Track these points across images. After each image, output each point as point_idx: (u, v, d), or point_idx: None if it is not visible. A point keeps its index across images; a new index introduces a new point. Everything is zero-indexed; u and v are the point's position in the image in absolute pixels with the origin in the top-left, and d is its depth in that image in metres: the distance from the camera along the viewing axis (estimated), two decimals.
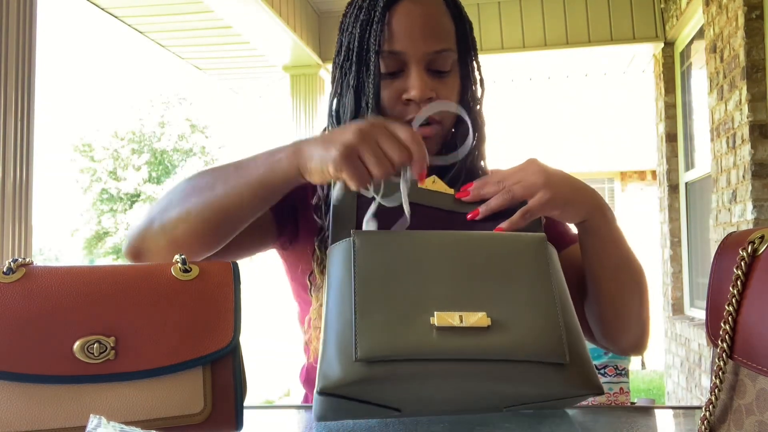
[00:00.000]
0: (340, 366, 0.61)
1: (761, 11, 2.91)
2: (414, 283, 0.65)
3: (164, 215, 0.83)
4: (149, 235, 0.84)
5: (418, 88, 0.90)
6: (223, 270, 0.68)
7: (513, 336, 0.62)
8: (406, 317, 0.63)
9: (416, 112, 0.91)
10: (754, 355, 0.53)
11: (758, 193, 2.85)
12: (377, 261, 0.67)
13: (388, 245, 0.68)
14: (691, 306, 4.34)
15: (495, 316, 0.63)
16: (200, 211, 0.81)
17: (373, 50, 0.90)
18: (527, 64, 5.32)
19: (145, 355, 0.61)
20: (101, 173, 18.27)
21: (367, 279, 0.65)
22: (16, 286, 0.61)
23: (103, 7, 4.11)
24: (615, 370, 2.06)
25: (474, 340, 0.61)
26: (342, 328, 0.63)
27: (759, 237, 0.56)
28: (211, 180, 0.83)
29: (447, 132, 0.97)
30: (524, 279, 0.67)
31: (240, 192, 0.80)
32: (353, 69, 0.93)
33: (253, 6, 3.73)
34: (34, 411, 0.58)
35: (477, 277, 0.67)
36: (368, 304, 0.63)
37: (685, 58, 4.39)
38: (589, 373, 0.65)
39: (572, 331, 0.66)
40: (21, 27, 2.00)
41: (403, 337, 0.61)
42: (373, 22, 0.91)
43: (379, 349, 0.61)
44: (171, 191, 0.86)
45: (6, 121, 1.94)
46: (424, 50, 0.91)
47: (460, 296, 0.65)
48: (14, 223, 1.96)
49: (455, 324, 0.62)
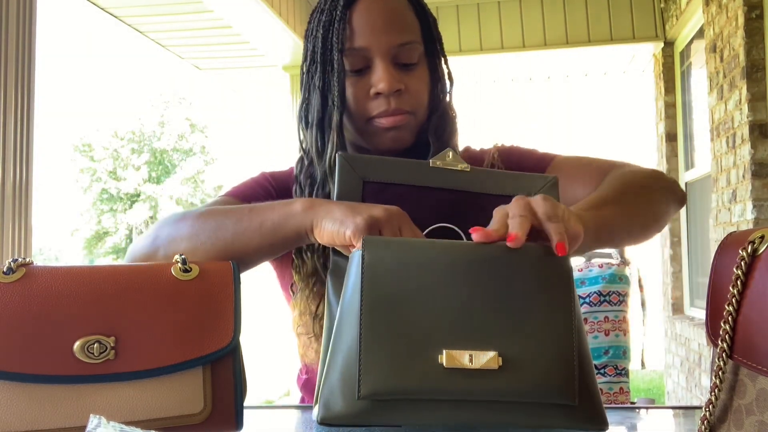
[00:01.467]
0: (343, 401, 0.60)
1: (761, 11, 2.91)
2: (423, 313, 0.61)
3: (171, 245, 0.82)
4: (153, 259, 0.83)
5: (385, 81, 0.89)
6: (223, 270, 0.68)
7: (524, 377, 0.60)
8: (413, 353, 0.60)
9: (385, 105, 0.90)
10: (754, 355, 0.53)
11: (758, 193, 2.85)
12: (387, 284, 0.62)
13: (400, 265, 0.63)
14: (691, 306, 4.34)
15: (507, 353, 0.60)
16: (208, 248, 0.80)
17: (336, 49, 0.90)
18: (527, 64, 5.32)
19: (145, 355, 0.61)
20: (101, 173, 18.27)
21: (374, 307, 0.61)
22: (16, 286, 0.61)
23: (103, 7, 4.11)
24: (615, 370, 2.06)
25: (483, 381, 0.59)
26: (347, 357, 0.61)
27: (759, 237, 0.56)
28: (222, 218, 0.82)
29: (420, 123, 0.96)
30: (544, 309, 0.63)
31: (249, 236, 0.79)
32: (318, 70, 0.92)
33: (253, 6, 3.73)
34: (34, 411, 0.58)
35: (491, 306, 0.62)
36: (374, 336, 0.60)
37: (685, 57, 4.39)
38: (597, 410, 0.64)
39: (585, 366, 0.63)
40: (21, 27, 2.00)
41: (409, 376, 0.59)
42: (334, 22, 0.91)
43: (384, 388, 0.59)
44: (179, 220, 0.85)
45: (6, 121, 1.94)
46: (389, 44, 0.90)
47: (471, 330, 0.61)
48: (14, 223, 1.96)
49: (465, 365, 0.59)
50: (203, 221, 0.82)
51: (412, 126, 0.94)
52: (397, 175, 0.80)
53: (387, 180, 0.80)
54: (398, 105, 0.91)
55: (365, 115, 0.93)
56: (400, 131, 0.93)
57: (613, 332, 2.10)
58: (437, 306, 0.61)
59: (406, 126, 0.93)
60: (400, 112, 0.91)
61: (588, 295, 2.19)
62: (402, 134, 0.93)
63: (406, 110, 0.92)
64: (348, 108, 0.93)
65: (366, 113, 0.92)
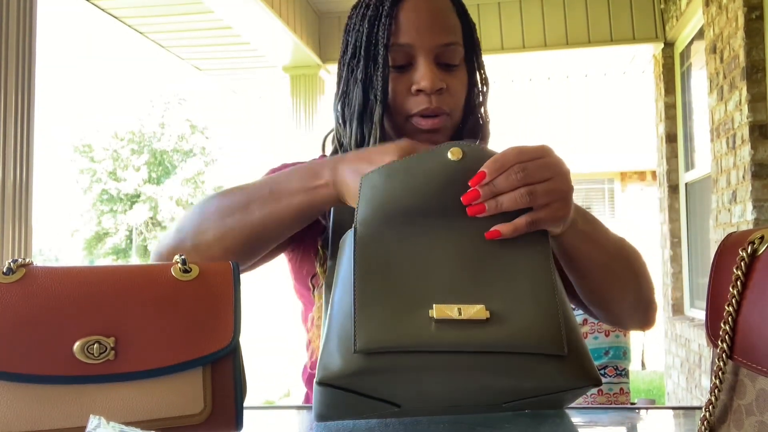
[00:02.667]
0: (340, 357, 0.61)
1: (761, 11, 2.91)
2: (414, 275, 0.65)
3: (198, 236, 0.84)
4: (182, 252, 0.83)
5: (428, 79, 0.90)
6: (223, 270, 0.68)
7: (511, 328, 0.62)
8: (405, 309, 0.63)
9: (426, 103, 0.91)
10: (754, 355, 0.53)
11: (758, 194, 2.85)
12: (378, 253, 0.66)
13: (390, 237, 0.68)
14: (691, 306, 4.34)
15: (494, 308, 0.63)
16: (237, 234, 0.82)
17: (382, 44, 0.91)
18: (527, 65, 5.32)
19: (145, 356, 0.61)
20: (101, 174, 18.28)
21: (367, 272, 0.65)
22: (16, 287, 0.61)
23: (103, 7, 4.11)
24: (615, 370, 2.06)
25: (472, 332, 0.62)
26: (342, 320, 0.63)
27: (759, 237, 0.56)
28: (245, 200, 0.83)
29: (455, 124, 0.97)
30: (526, 270, 0.67)
31: (279, 218, 0.81)
32: (361, 64, 0.93)
33: (253, 6, 3.73)
34: (34, 411, 0.58)
35: (477, 268, 0.66)
36: (368, 296, 0.63)
37: (685, 58, 4.39)
38: (588, 364, 0.65)
39: (570, 323, 0.66)
40: (21, 27, 2.00)
41: (401, 329, 0.61)
42: (381, 17, 0.92)
43: (378, 341, 0.61)
44: (201, 208, 0.87)
45: (6, 121, 1.94)
46: (433, 43, 0.92)
47: (460, 288, 0.65)
48: (14, 223, 1.96)
49: (453, 316, 0.62)
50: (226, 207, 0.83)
51: (447, 128, 0.95)
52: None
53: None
54: (438, 104, 0.92)
55: (405, 112, 0.93)
56: (437, 134, 0.94)
57: (613, 333, 2.10)
58: (426, 267, 0.66)
59: (443, 129, 0.94)
60: (440, 112, 0.92)
61: None
62: (438, 137, 0.94)
63: (445, 110, 0.93)
64: (388, 103, 0.93)
65: (406, 110, 0.93)
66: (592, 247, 0.83)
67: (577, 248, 0.82)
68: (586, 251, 0.83)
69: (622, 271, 0.88)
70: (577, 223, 0.80)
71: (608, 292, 0.88)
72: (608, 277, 0.87)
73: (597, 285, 0.87)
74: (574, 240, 0.80)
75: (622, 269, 0.88)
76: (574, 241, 0.80)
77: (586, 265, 0.84)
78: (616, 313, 0.92)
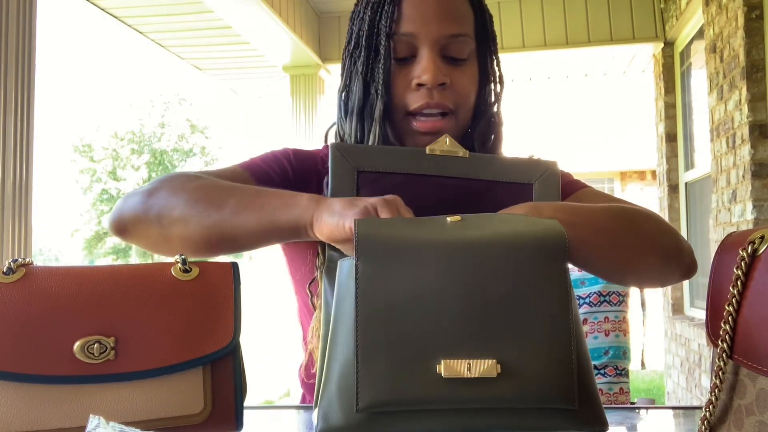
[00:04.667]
0: (341, 411, 0.59)
1: (761, 11, 2.91)
2: (420, 321, 0.60)
3: (164, 209, 0.78)
4: (143, 219, 0.79)
5: (430, 72, 0.84)
6: (223, 270, 0.68)
7: (522, 383, 0.59)
8: (410, 363, 0.58)
9: (427, 98, 0.85)
10: (754, 355, 0.53)
11: (758, 193, 2.85)
12: (381, 293, 0.60)
13: (394, 271, 0.61)
14: (691, 306, 4.34)
15: (505, 359, 0.59)
16: (200, 223, 0.76)
17: (384, 33, 0.85)
18: (527, 64, 5.32)
19: (145, 356, 0.61)
20: (101, 173, 18.28)
21: (370, 316, 0.60)
22: (16, 287, 0.61)
23: (103, 7, 4.11)
24: (615, 370, 2.06)
25: (482, 389, 0.59)
26: (343, 369, 0.60)
27: (759, 237, 0.56)
28: (224, 197, 0.77)
29: (462, 125, 0.91)
30: (542, 310, 0.61)
31: (247, 217, 0.75)
32: (362, 54, 0.88)
33: (253, 6, 3.73)
34: (34, 411, 0.58)
35: (489, 309, 0.60)
36: (371, 346, 0.59)
37: (685, 58, 4.39)
38: (597, 410, 0.63)
39: (583, 369, 0.63)
40: (21, 27, 2.00)
41: (407, 387, 0.58)
42: (384, 4, 0.86)
43: (382, 400, 0.58)
44: (179, 181, 0.81)
45: (6, 121, 1.94)
46: (438, 33, 0.85)
47: (469, 337, 0.59)
48: (14, 223, 1.96)
49: (464, 374, 0.58)
50: (203, 194, 0.78)
51: (451, 129, 0.88)
52: (393, 163, 0.77)
53: (382, 169, 0.77)
54: (441, 99, 0.86)
55: (404, 108, 0.88)
56: (436, 137, 0.86)
57: (613, 332, 2.09)
58: (433, 313, 0.60)
59: (445, 131, 0.86)
60: (442, 108, 0.86)
61: (588, 296, 2.19)
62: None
63: (449, 107, 0.87)
64: (390, 98, 0.87)
65: (405, 105, 0.87)
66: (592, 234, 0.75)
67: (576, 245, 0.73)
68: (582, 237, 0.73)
69: (633, 237, 0.78)
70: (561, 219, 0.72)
71: (627, 261, 0.78)
72: (621, 249, 0.77)
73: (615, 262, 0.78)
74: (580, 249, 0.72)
75: (632, 236, 0.78)
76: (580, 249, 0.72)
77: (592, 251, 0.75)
78: (646, 275, 0.81)
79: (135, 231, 0.81)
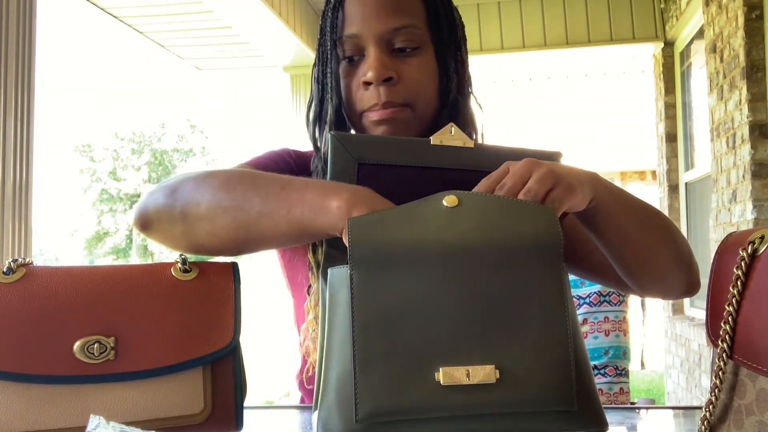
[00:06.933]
0: (341, 423, 0.59)
1: (761, 11, 2.91)
2: (416, 328, 0.59)
3: (189, 206, 0.74)
4: (167, 216, 0.76)
5: (373, 68, 0.84)
6: (223, 270, 0.68)
7: (522, 388, 0.59)
8: (409, 371, 0.58)
9: (375, 98, 0.85)
10: (754, 355, 0.53)
11: (758, 193, 2.85)
12: (377, 301, 0.60)
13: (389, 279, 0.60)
14: (691, 306, 4.34)
15: (504, 365, 0.59)
16: (228, 221, 0.72)
17: (330, 38, 0.87)
18: (527, 64, 5.32)
19: (145, 356, 0.61)
20: (101, 173, 18.29)
21: (366, 325, 0.59)
22: (16, 287, 0.61)
23: (103, 7, 4.11)
24: (615, 370, 2.06)
25: (482, 395, 0.59)
26: (341, 378, 0.60)
27: (759, 237, 0.56)
28: (251, 190, 0.73)
29: (425, 116, 0.89)
30: (539, 314, 0.61)
31: (275, 221, 0.70)
32: (318, 61, 0.90)
33: (253, 6, 3.73)
34: (34, 411, 0.58)
35: (485, 314, 0.60)
36: (368, 355, 0.58)
37: (685, 58, 4.39)
38: (597, 410, 0.63)
39: (582, 370, 0.63)
40: (21, 27, 2.00)
41: (406, 396, 0.57)
42: (329, 10, 0.88)
43: (381, 410, 0.57)
44: (204, 178, 0.77)
45: (6, 121, 1.94)
46: (380, 29, 0.85)
47: (467, 343, 0.59)
48: (14, 223, 1.96)
49: (462, 381, 0.58)
50: (228, 188, 0.74)
51: (409, 120, 0.87)
52: (395, 155, 0.74)
53: (384, 161, 0.74)
54: (389, 97, 0.85)
55: (358, 109, 0.87)
56: (393, 125, 0.86)
57: (613, 332, 2.09)
58: (430, 320, 0.59)
59: (400, 120, 0.86)
60: (390, 106, 0.85)
61: (588, 296, 2.19)
62: (396, 130, 0.86)
63: (399, 103, 0.85)
64: (342, 102, 0.88)
65: (357, 107, 0.87)
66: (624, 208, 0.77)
67: (610, 212, 0.75)
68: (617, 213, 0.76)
69: (658, 228, 0.81)
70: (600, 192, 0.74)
71: (649, 249, 0.80)
72: (647, 234, 0.79)
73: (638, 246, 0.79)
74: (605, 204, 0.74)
75: (657, 226, 0.81)
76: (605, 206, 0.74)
77: (624, 227, 0.77)
78: (661, 271, 0.82)
79: (159, 227, 0.78)
